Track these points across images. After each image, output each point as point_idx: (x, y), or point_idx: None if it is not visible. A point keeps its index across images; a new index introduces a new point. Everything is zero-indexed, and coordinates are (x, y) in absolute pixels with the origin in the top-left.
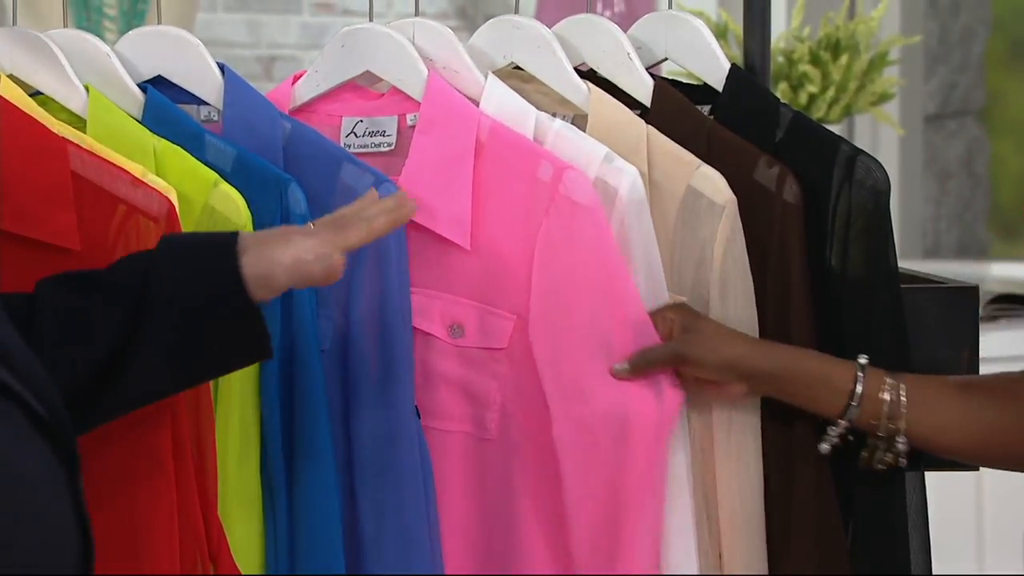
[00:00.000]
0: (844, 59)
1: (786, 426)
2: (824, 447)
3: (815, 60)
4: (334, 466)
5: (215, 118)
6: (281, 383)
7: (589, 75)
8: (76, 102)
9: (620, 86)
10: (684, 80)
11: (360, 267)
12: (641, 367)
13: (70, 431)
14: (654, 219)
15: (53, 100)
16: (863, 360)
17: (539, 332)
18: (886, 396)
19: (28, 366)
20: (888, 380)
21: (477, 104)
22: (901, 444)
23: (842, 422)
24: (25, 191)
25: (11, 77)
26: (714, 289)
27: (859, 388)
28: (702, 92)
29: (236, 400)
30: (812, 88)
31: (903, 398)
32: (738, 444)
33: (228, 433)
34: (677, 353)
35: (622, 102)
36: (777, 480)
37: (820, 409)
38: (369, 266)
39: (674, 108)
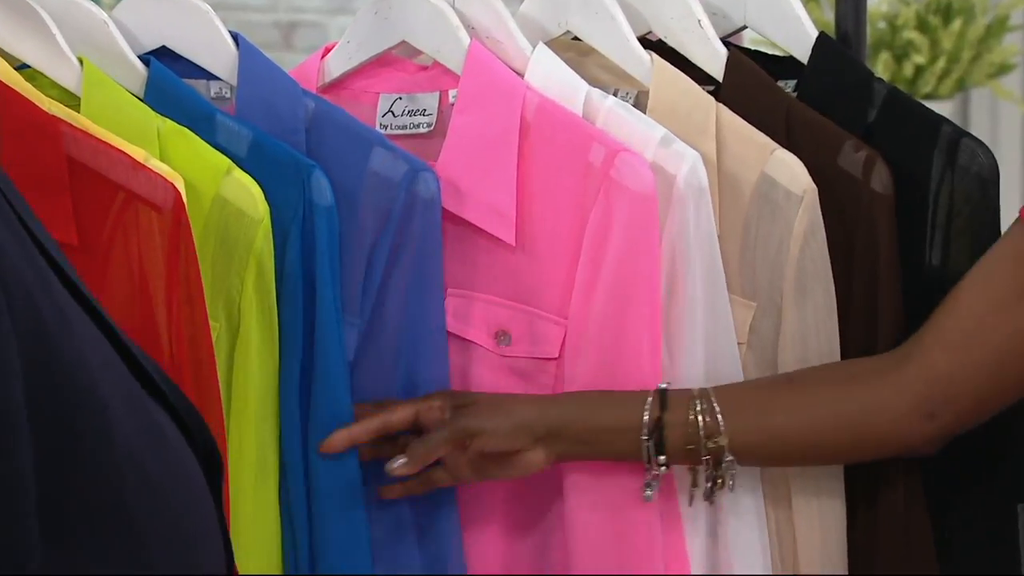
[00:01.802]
0: (957, 24)
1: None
2: (648, 494)
3: (922, 26)
4: (362, 491)
5: (227, 95)
6: (302, 397)
7: (657, 46)
8: (68, 76)
9: (690, 58)
10: (768, 51)
11: (386, 267)
12: (421, 457)
13: (214, 443)
14: (723, 210)
15: (42, 74)
16: (664, 385)
17: (578, 336)
18: (697, 417)
19: (163, 376)
20: (695, 396)
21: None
22: (727, 463)
23: (656, 462)
24: (14, 177)
25: None
26: (789, 292)
27: (645, 417)
28: (786, 65)
29: (252, 416)
30: (919, 58)
31: (717, 411)
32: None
33: (243, 453)
34: (461, 428)
35: (692, 76)
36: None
37: (624, 455)
38: (397, 266)
39: (750, 83)
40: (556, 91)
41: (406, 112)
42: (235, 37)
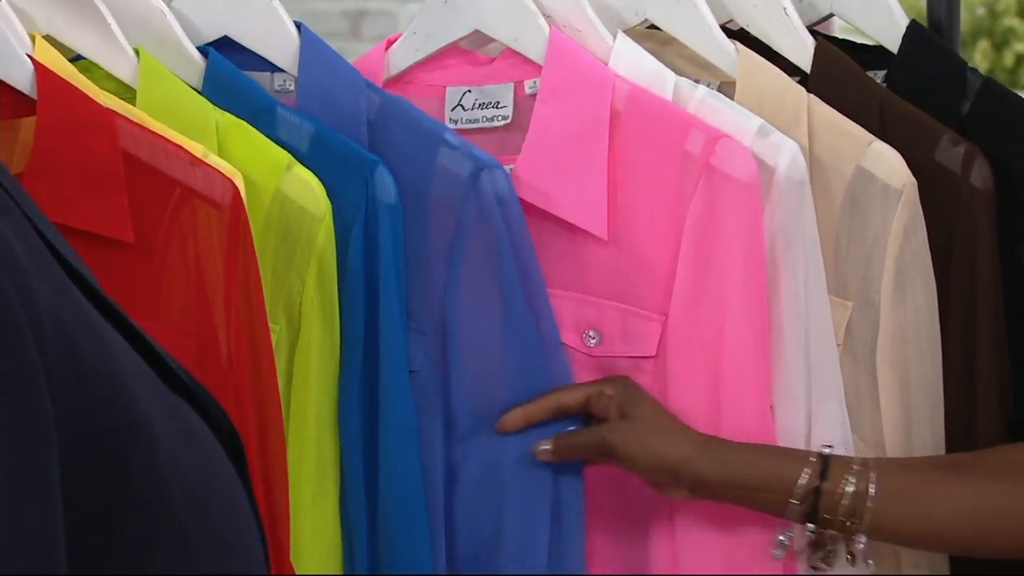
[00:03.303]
0: None
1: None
2: (778, 553)
3: None
4: (425, 507)
5: (291, 88)
6: (363, 409)
7: (739, 36)
8: (124, 68)
9: (775, 48)
10: (856, 40)
11: (462, 266)
12: (565, 452)
13: (236, 433)
14: (817, 205)
15: (97, 66)
16: (826, 449)
17: (679, 334)
18: (849, 488)
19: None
20: (856, 469)
21: None
22: (860, 544)
23: (807, 526)
24: (68, 173)
25: (47, 39)
26: (887, 291)
27: (802, 480)
28: (875, 55)
29: (311, 428)
30: (1021, 47)
31: (873, 491)
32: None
33: (302, 465)
34: (605, 443)
35: (779, 67)
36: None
37: (768, 511)
38: (474, 265)
39: (839, 74)
40: (643, 81)
41: (477, 105)
42: (299, 27)
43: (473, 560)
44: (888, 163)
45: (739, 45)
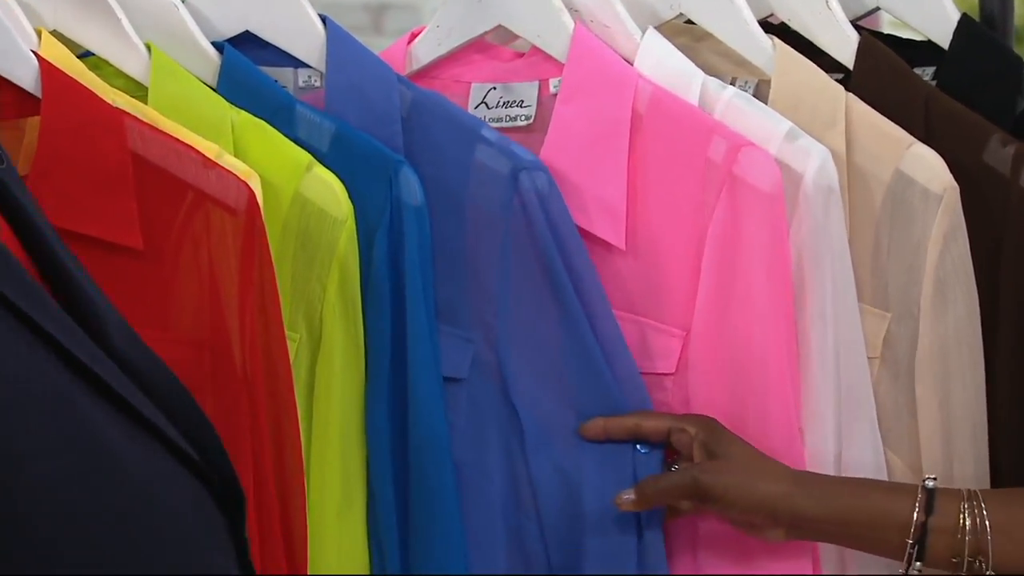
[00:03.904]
0: None
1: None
2: None
3: None
4: (459, 518)
5: (317, 84)
6: (392, 420)
7: (780, 30)
8: (135, 65)
9: (816, 43)
10: (905, 35)
11: (509, 273)
12: (651, 499)
13: (232, 476)
14: (854, 211)
15: (106, 63)
16: (929, 482)
17: (702, 350)
18: (965, 529)
19: (179, 402)
20: (964, 502)
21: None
22: None
23: (914, 568)
24: (74, 176)
25: (54, 34)
26: (927, 302)
27: (915, 517)
28: (924, 50)
29: (335, 441)
30: None
31: (988, 526)
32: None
33: (325, 481)
34: (698, 484)
35: (818, 64)
36: None
37: (872, 551)
38: (522, 271)
39: (883, 71)
40: (669, 80)
41: (501, 103)
42: (324, 20)
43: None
44: (928, 166)
45: (776, 40)
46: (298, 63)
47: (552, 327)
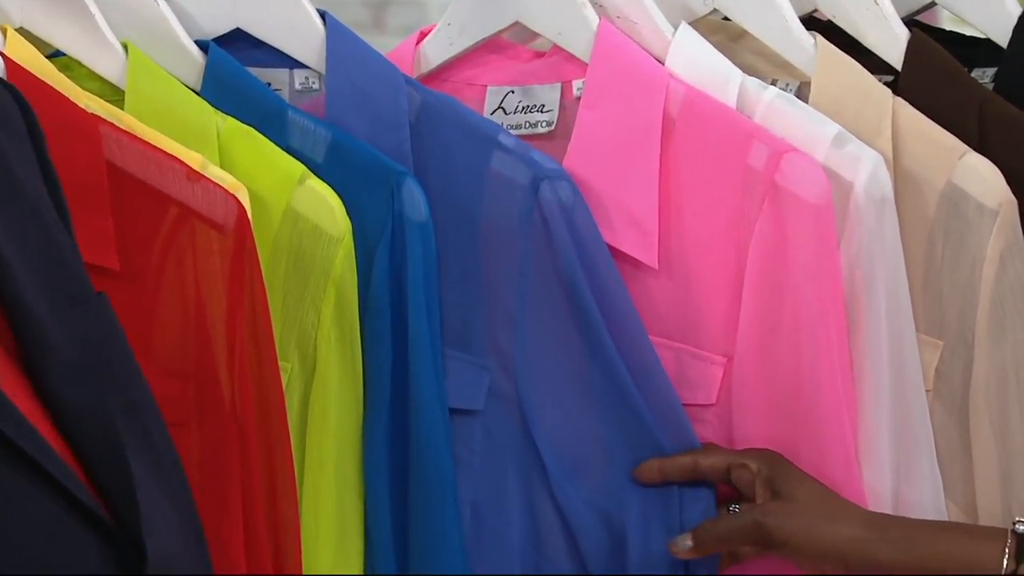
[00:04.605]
0: None
1: None
2: None
3: None
4: (465, 567)
5: (316, 86)
6: (392, 458)
7: (825, 27)
8: (110, 65)
9: (863, 42)
10: (965, 32)
11: (528, 294)
12: (709, 544)
13: (138, 542)
14: (902, 228)
15: (79, 63)
16: (1020, 527)
17: (746, 379)
18: None
19: (103, 452)
20: None
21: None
22: None
23: None
24: None
25: (21, 31)
26: (982, 328)
27: (1005, 566)
28: (983, 50)
29: (330, 482)
30: None
31: None
32: None
33: (319, 523)
34: (762, 528)
35: (866, 65)
36: None
37: None
38: (542, 291)
39: (935, 73)
40: (703, 81)
41: (520, 108)
42: (323, 16)
43: None
44: (982, 178)
45: (819, 39)
46: (295, 63)
47: (576, 355)
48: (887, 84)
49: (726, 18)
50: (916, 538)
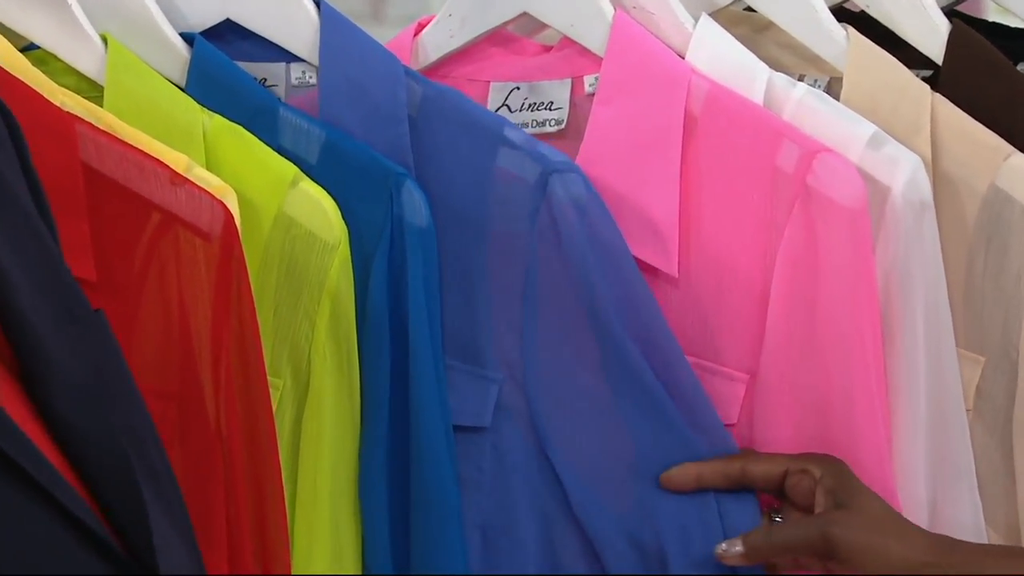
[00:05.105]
0: None
1: None
2: None
3: None
4: None
5: (311, 81)
6: (391, 483)
7: (859, 19)
8: (88, 59)
9: (899, 33)
10: (1011, 25)
11: (537, 298)
12: (764, 552)
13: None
14: (941, 235)
15: (54, 56)
16: None
17: (771, 397)
18: None
19: (113, 477)
20: None
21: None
22: None
23: None
24: None
25: None
26: None
27: None
28: None
29: (324, 508)
30: None
31: None
32: None
33: (313, 554)
34: (828, 539)
35: (902, 59)
36: None
37: None
38: (553, 295)
39: (978, 67)
40: (727, 76)
41: (527, 106)
42: (318, 5)
43: None
44: None
45: (851, 31)
46: (291, 57)
47: (594, 363)
48: (925, 79)
49: (749, 8)
50: (981, 563)
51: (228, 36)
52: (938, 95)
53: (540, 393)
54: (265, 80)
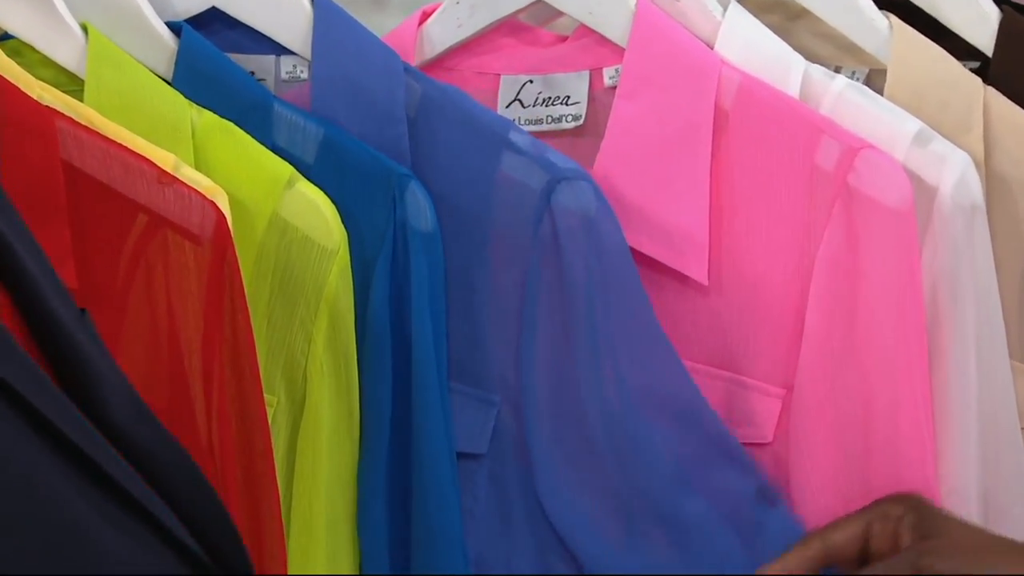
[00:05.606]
0: None
1: None
2: None
3: None
4: None
5: (303, 75)
6: (391, 506)
7: (901, 7)
8: (67, 51)
9: (945, 23)
10: None
11: (536, 316)
12: None
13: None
14: (994, 238)
15: (30, 47)
16: None
17: (809, 413)
18: None
19: (184, 484)
20: None
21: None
22: None
23: None
24: None
25: None
26: None
27: None
28: None
29: (320, 531)
30: None
31: None
32: None
33: None
34: (918, 569)
35: (949, 49)
36: None
37: None
38: (552, 312)
39: None
40: (760, 68)
41: (541, 100)
42: None
43: None
44: None
45: (893, 19)
46: (281, 49)
47: (589, 392)
48: (974, 72)
49: None
50: None
51: (215, 25)
52: (991, 89)
53: (534, 418)
54: (253, 73)
